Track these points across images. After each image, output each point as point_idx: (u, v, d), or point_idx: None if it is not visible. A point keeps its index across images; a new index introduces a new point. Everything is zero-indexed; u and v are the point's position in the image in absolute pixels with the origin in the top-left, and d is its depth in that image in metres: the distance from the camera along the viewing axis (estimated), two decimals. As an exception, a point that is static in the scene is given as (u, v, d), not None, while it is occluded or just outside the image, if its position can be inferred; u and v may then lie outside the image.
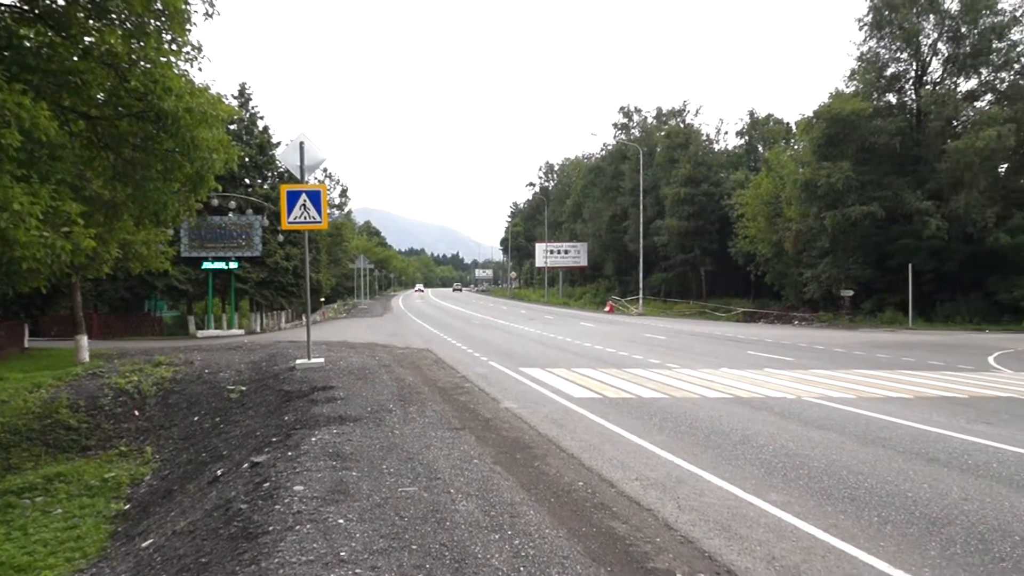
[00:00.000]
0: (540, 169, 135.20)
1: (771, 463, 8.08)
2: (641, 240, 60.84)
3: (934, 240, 41.51)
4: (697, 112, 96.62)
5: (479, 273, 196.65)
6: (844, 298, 45.24)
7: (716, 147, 72.52)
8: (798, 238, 48.09)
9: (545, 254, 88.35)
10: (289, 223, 15.08)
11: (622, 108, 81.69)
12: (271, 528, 5.52)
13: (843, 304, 45.54)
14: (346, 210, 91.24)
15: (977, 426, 10.68)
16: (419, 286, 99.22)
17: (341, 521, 5.66)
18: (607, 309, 61.84)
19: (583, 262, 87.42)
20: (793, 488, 7.11)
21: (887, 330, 38.63)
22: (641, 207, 61.48)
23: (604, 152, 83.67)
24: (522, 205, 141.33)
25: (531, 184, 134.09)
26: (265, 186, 45.95)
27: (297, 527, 5.46)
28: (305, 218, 15.03)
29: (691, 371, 17.21)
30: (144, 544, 7.35)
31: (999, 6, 44.25)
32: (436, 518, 5.86)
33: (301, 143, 15.58)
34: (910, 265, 41.17)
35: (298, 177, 15.68)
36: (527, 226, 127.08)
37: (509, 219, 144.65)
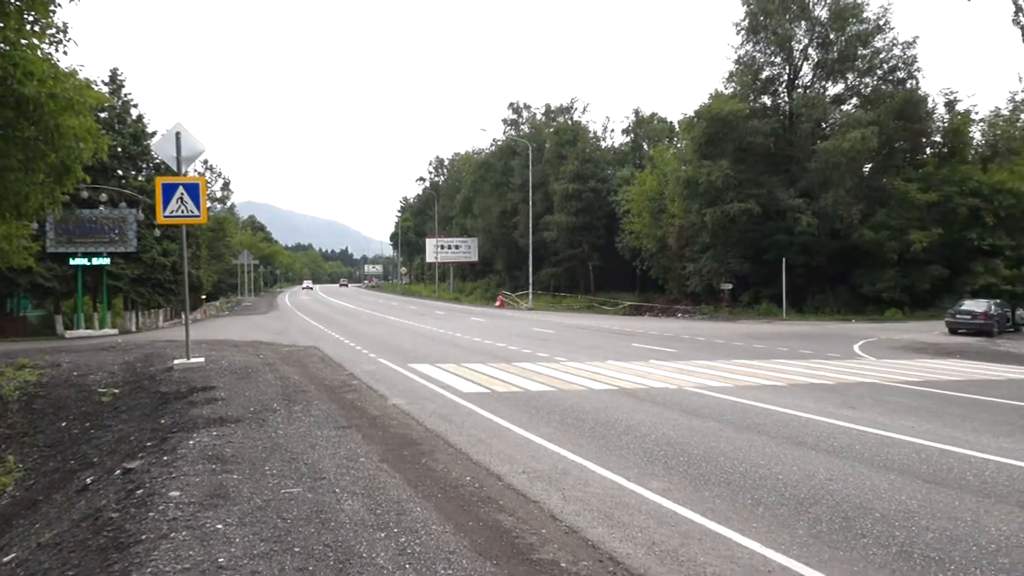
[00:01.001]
0: (430, 163, 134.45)
1: (653, 452, 8.33)
2: (531, 235, 61.52)
3: (805, 236, 43.80)
4: (585, 110, 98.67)
5: (369, 269, 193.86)
6: (724, 291, 47.13)
7: (603, 144, 74.08)
8: (681, 234, 49.73)
9: (436, 249, 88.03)
10: (165, 217, 14.42)
11: (512, 104, 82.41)
12: (144, 537, 5.27)
13: (723, 297, 47.44)
14: (229, 204, 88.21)
15: (843, 410, 11.34)
16: (307, 282, 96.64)
17: (220, 526, 5.46)
18: (498, 304, 62.19)
19: (474, 257, 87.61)
20: (673, 475, 7.35)
21: (763, 321, 40.49)
22: (530, 202, 62.15)
23: (494, 147, 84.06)
24: (412, 200, 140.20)
25: (421, 179, 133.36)
26: (140, 178, 43.71)
27: (172, 534, 5.23)
28: (182, 212, 14.41)
29: (578, 364, 17.52)
30: (6, 559, 6.88)
31: (864, 15, 47.08)
32: (320, 519, 5.75)
33: (177, 133, 14.92)
34: (783, 259, 43.30)
35: (175, 169, 15.01)
36: (417, 221, 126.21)
37: (399, 214, 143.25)
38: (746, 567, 4.93)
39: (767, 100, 50.89)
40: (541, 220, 65.84)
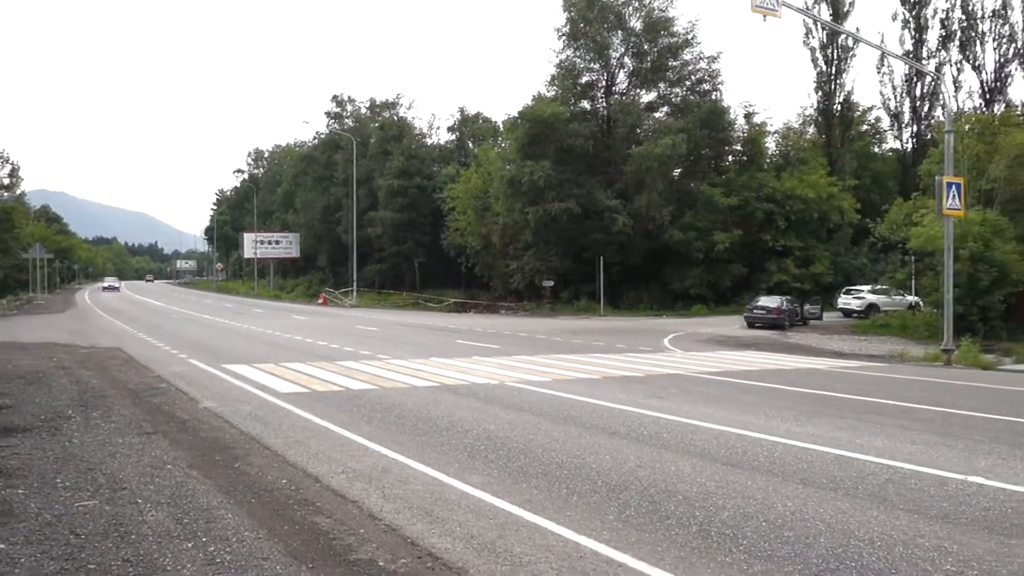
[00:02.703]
0: (249, 155, 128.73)
1: (474, 447, 8.43)
2: (355, 231, 60.48)
3: (621, 235, 45.94)
4: (411, 106, 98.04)
5: (181, 264, 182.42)
6: (546, 288, 48.51)
7: (429, 141, 74.11)
8: (504, 232, 50.64)
9: (254, 244, 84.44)
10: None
11: (335, 97, 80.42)
12: (-95, 564, 4.70)
13: (545, 294, 48.83)
14: (18, 192, 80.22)
15: (652, 401, 12.00)
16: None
17: (2, 546, 4.97)
18: (320, 301, 60.73)
19: (295, 253, 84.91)
20: (493, 469, 7.48)
21: (582, 317, 42.10)
22: (354, 198, 61.08)
23: (317, 141, 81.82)
24: (229, 192, 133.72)
25: (239, 171, 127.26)
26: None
27: (-60, 559, 4.70)
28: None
29: (402, 361, 17.44)
30: None
31: (674, 29, 50.03)
32: (119, 532, 5.37)
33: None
34: (601, 258, 45.19)
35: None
36: (235, 214, 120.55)
37: (214, 207, 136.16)
38: (560, 554, 5.10)
39: (586, 104, 52.82)
40: (366, 216, 64.86)
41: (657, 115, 52.33)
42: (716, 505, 6.28)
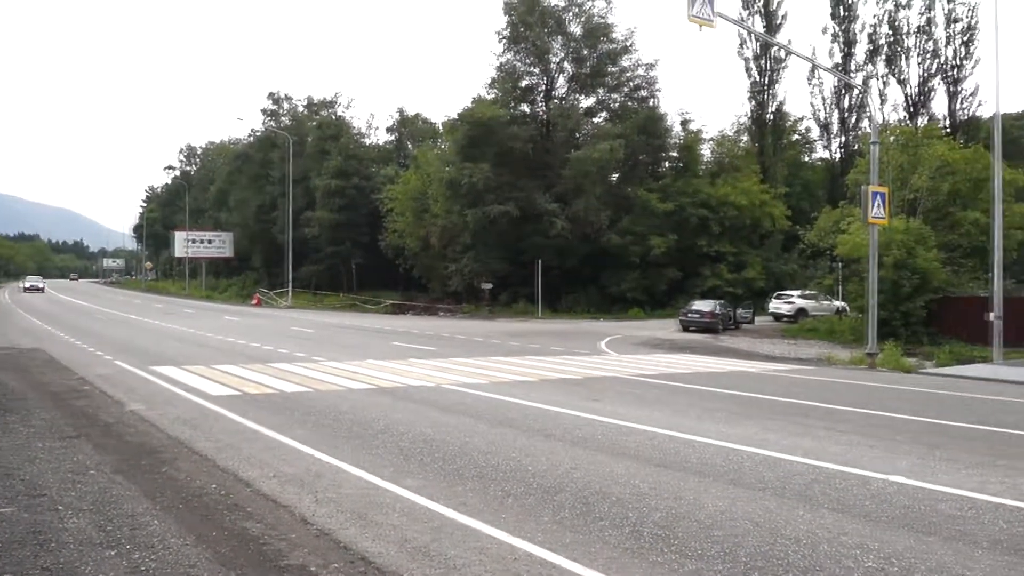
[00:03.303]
0: (181, 151, 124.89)
1: (409, 450, 8.38)
2: (290, 231, 59.51)
3: (559, 239, 46.25)
4: (349, 105, 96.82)
5: (109, 263, 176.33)
6: (484, 290, 48.54)
7: (367, 141, 73.37)
8: (443, 233, 50.49)
9: (186, 243, 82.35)
10: None
11: (271, 94, 78.87)
12: None
13: (483, 296, 48.84)
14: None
15: (588, 403, 12.11)
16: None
17: (-93, 557, 4.74)
18: (254, 302, 59.58)
19: (228, 253, 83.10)
20: (428, 472, 7.44)
21: (520, 320, 42.24)
22: (290, 197, 60.09)
23: (252, 138, 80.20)
24: (159, 189, 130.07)
25: (170, 167, 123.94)
26: None
27: None
28: None
29: (337, 364, 17.23)
30: None
31: (613, 35, 50.65)
32: (38, 540, 5.18)
33: None
34: (539, 261, 45.44)
35: None
36: (165, 212, 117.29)
37: (144, 204, 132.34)
38: (494, 556, 5.10)
39: (526, 108, 53.03)
40: (302, 216, 63.83)
41: (596, 120, 52.91)
42: (648, 506, 6.37)
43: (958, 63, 52.15)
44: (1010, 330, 22.13)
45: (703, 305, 35.32)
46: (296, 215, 61.73)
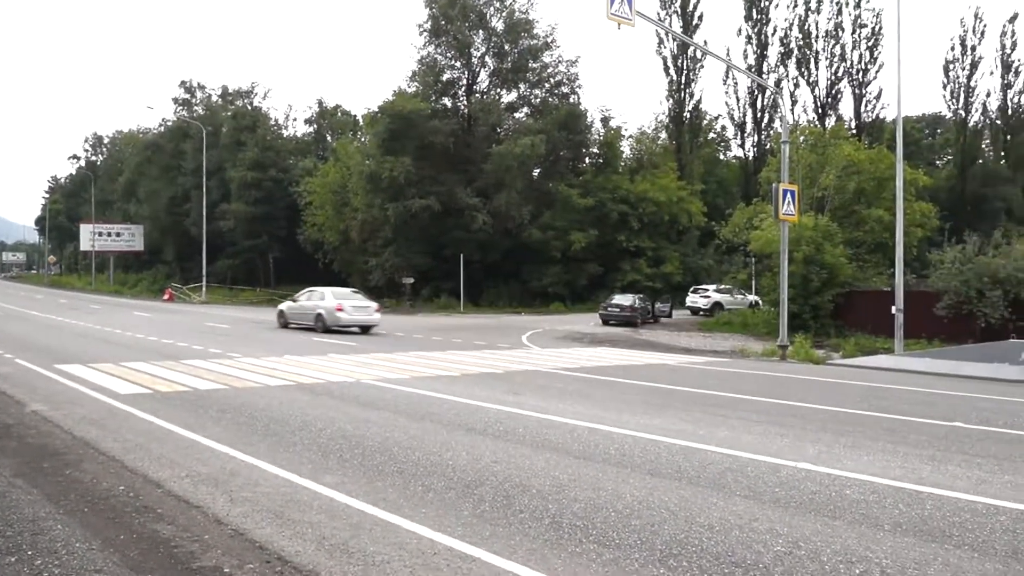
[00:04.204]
0: (87, 140, 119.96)
1: (328, 446, 8.25)
2: (204, 224, 57.79)
3: (481, 233, 46.31)
4: (266, 95, 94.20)
5: (8, 257, 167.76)
6: (406, 285, 48.20)
7: (285, 133, 71.90)
8: (364, 227, 49.94)
9: (92, 236, 79.03)
10: None
11: (184, 83, 76.24)
12: None
13: (405, 291, 48.50)
14: None
15: (509, 396, 12.16)
16: None
17: None
18: (166, 297, 57.72)
19: (139, 246, 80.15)
20: (348, 468, 7.34)
21: (442, 314, 42.12)
22: (204, 189, 58.34)
23: (163, 128, 77.43)
24: (64, 180, 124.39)
25: (75, 157, 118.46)
26: None
27: None
28: None
29: (254, 360, 16.84)
30: None
31: (535, 31, 50.92)
32: (-72, 549, 4.88)
33: None
34: (461, 255, 45.39)
35: None
36: (70, 204, 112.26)
37: (47, 195, 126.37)
38: (413, 551, 5.07)
39: (448, 102, 52.88)
40: (217, 208, 62.04)
41: (517, 115, 53.16)
42: (569, 497, 6.44)
43: (864, 67, 54.49)
44: (911, 322, 23.23)
45: (623, 299, 35.93)
46: (211, 208, 59.97)
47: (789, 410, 11.81)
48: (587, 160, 55.17)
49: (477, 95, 52.36)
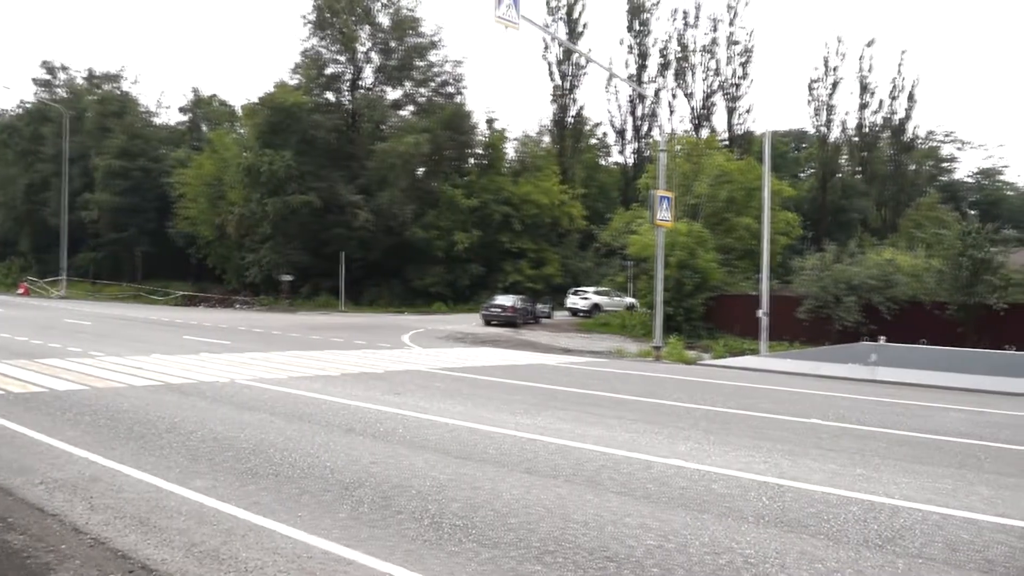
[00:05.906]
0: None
1: (198, 449, 7.93)
2: (65, 214, 54.28)
3: (363, 231, 45.70)
4: (136, 80, 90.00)
5: None
6: (284, 283, 46.95)
7: (157, 121, 68.52)
8: (241, 222, 48.32)
9: (-63, 224, 72.85)
10: None
11: (45, 63, 71.27)
12: None
13: (283, 288, 47.23)
14: None
15: (389, 397, 12.05)
16: None
17: None
18: (21, 291, 53.92)
19: (-10, 236, 74.46)
20: (219, 472, 7.08)
21: (322, 313, 41.26)
22: (66, 177, 54.79)
23: (21, 110, 72.21)
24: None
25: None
26: None
27: None
28: None
29: (118, 359, 15.98)
30: None
31: (421, 29, 50.70)
32: None
33: None
34: (342, 253, 44.62)
35: None
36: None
37: None
38: (288, 556, 4.95)
39: (331, 96, 51.93)
40: (80, 198, 58.39)
41: (402, 113, 52.80)
42: (448, 497, 6.45)
43: (736, 82, 57.16)
44: (775, 325, 24.54)
45: (505, 300, 36.25)
46: (72, 197, 56.38)
47: (663, 409, 12.25)
48: (471, 161, 55.35)
49: (362, 91, 51.63)
